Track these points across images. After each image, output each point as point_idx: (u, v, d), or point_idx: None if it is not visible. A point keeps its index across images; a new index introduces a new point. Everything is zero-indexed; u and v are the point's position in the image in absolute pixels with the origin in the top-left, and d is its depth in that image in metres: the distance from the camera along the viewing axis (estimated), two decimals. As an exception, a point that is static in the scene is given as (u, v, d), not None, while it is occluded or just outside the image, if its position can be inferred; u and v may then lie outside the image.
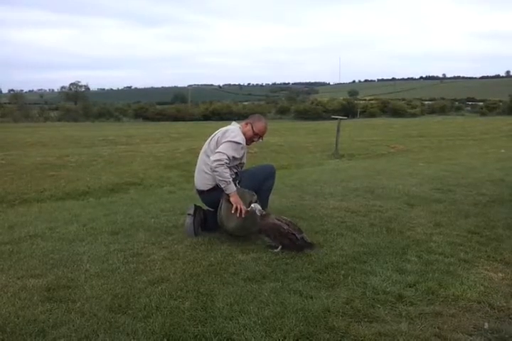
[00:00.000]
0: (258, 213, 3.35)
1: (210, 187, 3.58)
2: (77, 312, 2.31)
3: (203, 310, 2.33)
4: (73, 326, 2.18)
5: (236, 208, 3.37)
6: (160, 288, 2.61)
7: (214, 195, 3.54)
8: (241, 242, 3.44)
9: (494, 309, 2.36)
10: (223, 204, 3.45)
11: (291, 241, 3.21)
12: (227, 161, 3.39)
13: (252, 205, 3.39)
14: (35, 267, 2.98)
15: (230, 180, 3.40)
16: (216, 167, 3.37)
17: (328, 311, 2.30)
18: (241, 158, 3.60)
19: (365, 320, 2.24)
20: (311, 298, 2.46)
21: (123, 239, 3.59)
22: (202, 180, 3.64)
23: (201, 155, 3.70)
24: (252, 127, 3.68)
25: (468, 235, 3.63)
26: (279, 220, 3.31)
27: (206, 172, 3.57)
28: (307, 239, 3.27)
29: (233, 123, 3.85)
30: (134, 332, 2.12)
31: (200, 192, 3.71)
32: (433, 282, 2.65)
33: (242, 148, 3.56)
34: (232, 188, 3.41)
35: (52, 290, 2.60)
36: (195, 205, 3.72)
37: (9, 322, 2.21)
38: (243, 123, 3.76)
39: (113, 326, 2.18)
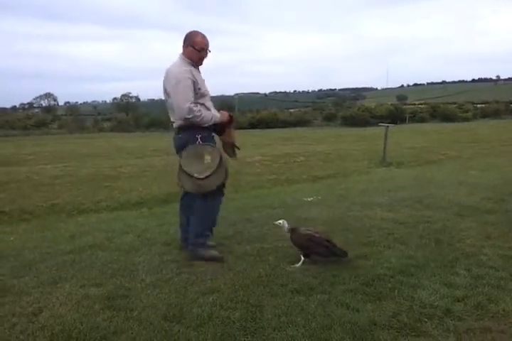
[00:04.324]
0: (286, 229, 3.43)
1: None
2: (135, 321, 2.47)
3: (252, 320, 2.43)
4: (132, 333, 2.33)
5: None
6: (211, 298, 2.73)
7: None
8: (289, 254, 3.51)
9: (547, 325, 2.31)
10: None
11: (327, 248, 3.25)
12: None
13: (280, 221, 3.46)
14: (96, 276, 3.18)
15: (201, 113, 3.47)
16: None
17: (375, 324, 2.34)
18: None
19: (412, 334, 2.27)
20: (358, 310, 2.50)
21: (175, 249, 3.75)
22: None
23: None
24: (194, 46, 3.51)
25: (521, 248, 3.55)
26: (308, 230, 3.38)
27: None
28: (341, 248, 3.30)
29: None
30: (188, 341, 2.24)
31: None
32: (483, 296, 2.63)
33: (187, 78, 3.43)
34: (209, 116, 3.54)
35: (111, 298, 2.78)
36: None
37: (74, 328, 2.40)
38: (183, 48, 3.57)
39: (168, 334, 2.32)
